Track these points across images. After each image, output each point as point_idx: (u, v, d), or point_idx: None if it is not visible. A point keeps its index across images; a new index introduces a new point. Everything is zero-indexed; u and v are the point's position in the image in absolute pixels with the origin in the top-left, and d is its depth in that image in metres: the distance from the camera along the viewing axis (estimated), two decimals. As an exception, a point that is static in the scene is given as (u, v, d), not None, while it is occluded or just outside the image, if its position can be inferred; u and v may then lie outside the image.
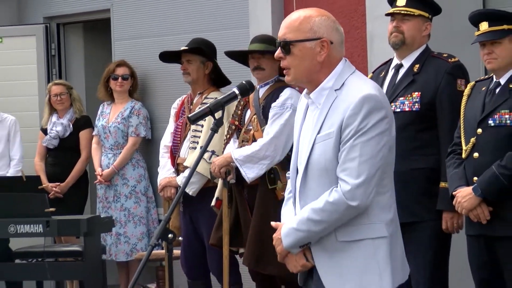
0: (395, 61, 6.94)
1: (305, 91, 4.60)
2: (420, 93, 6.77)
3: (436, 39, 7.23)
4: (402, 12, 6.84)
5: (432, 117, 6.77)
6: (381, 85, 6.87)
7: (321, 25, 4.50)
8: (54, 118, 10.52)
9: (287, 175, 4.58)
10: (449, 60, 6.84)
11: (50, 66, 11.64)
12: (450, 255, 6.99)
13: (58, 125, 10.41)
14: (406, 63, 6.87)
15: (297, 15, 4.58)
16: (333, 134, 4.37)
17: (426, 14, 6.93)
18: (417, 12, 6.87)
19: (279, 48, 4.56)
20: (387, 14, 6.97)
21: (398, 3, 6.92)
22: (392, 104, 6.66)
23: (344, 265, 4.46)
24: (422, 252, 6.73)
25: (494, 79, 6.41)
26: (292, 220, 4.51)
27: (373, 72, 7.24)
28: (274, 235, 4.59)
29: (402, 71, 6.89)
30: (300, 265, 4.52)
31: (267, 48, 7.76)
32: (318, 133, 4.43)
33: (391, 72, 6.97)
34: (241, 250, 8.06)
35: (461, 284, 7.14)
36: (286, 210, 4.70)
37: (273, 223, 4.67)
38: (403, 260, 4.60)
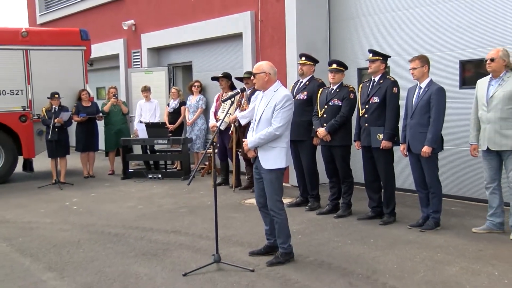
0: (300, 80, 6.75)
1: (261, 91, 4.72)
2: (307, 92, 6.60)
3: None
4: (303, 63, 6.65)
5: (310, 102, 6.57)
6: (295, 87, 6.78)
7: (266, 67, 4.64)
8: (171, 101, 10.30)
9: (251, 121, 4.74)
10: (319, 80, 6.69)
11: (169, 82, 11.48)
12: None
13: (173, 103, 10.23)
14: (304, 80, 6.69)
15: (258, 64, 4.73)
16: (271, 107, 4.54)
17: (313, 63, 6.71)
18: (308, 63, 6.66)
19: (252, 75, 4.75)
20: (299, 62, 6.78)
21: (302, 59, 6.68)
22: (297, 95, 6.62)
23: (269, 155, 4.59)
24: (306, 154, 6.69)
25: (331, 87, 6.33)
26: (252, 138, 4.62)
27: (294, 83, 6.90)
28: (243, 144, 4.75)
29: (301, 84, 6.71)
30: (252, 155, 4.70)
31: (250, 75, 7.25)
32: (266, 106, 4.58)
33: (298, 84, 6.75)
34: (240, 150, 7.89)
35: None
36: (249, 134, 4.74)
37: (244, 140, 4.78)
38: (290, 156, 4.72)
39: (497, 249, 4.92)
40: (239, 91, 5.33)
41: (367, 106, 5.99)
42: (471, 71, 6.88)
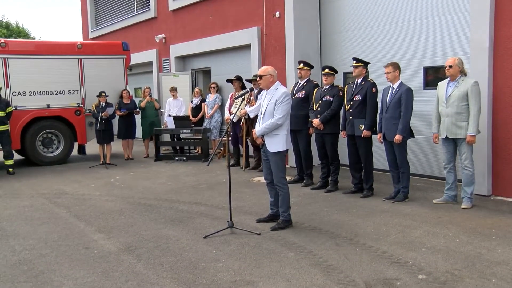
0: (299, 82, 6.59)
1: (265, 89, 4.59)
2: (304, 91, 6.46)
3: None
4: (301, 68, 6.53)
5: (307, 99, 6.42)
6: (295, 87, 6.60)
7: (270, 71, 4.53)
8: (194, 98, 10.06)
9: (258, 114, 4.72)
10: (314, 82, 6.58)
11: (192, 83, 11.25)
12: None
13: (195, 101, 10.00)
14: (302, 82, 6.53)
15: (264, 68, 4.60)
16: (273, 103, 4.43)
17: (309, 68, 6.58)
18: (306, 68, 6.53)
19: (257, 77, 4.61)
20: (298, 68, 6.58)
21: (301, 65, 6.54)
22: (296, 94, 6.48)
23: (273, 141, 4.49)
24: (303, 141, 6.59)
25: (325, 86, 6.17)
26: (259, 127, 4.51)
27: (294, 85, 6.70)
28: (252, 133, 4.64)
29: (299, 85, 6.55)
30: (260, 141, 4.59)
31: (257, 78, 7.46)
32: (269, 102, 4.47)
33: (297, 85, 6.57)
34: (249, 138, 7.71)
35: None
36: (257, 125, 4.60)
37: (253, 130, 4.66)
38: (289, 141, 4.59)
39: (451, 216, 4.94)
40: (248, 90, 5.22)
41: (351, 103, 5.93)
42: (433, 75, 6.79)
